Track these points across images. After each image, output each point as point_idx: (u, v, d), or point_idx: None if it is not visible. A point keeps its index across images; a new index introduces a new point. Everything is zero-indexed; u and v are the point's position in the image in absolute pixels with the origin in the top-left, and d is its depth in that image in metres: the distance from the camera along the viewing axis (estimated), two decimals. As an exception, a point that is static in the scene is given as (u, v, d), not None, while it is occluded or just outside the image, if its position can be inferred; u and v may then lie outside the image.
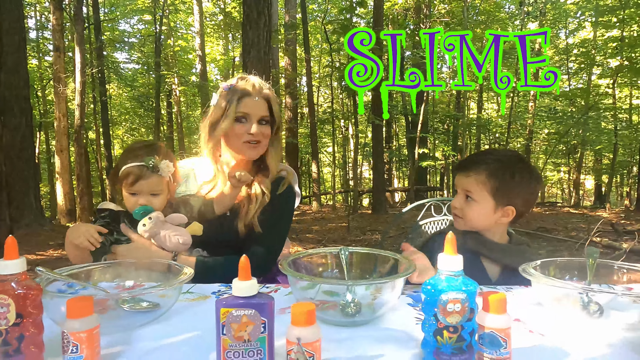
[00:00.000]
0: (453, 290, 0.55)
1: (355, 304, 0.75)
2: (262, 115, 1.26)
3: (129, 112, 17.58)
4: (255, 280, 0.56)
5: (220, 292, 0.92)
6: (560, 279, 0.85)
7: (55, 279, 0.74)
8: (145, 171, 1.14)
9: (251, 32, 5.45)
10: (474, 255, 1.13)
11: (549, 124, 15.22)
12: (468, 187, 1.11)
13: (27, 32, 13.63)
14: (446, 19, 13.35)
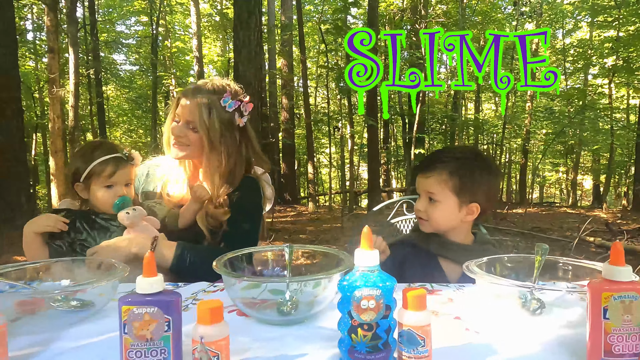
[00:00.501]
0: (367, 287, 0.54)
1: (292, 302, 0.74)
2: (187, 118, 1.24)
3: (127, 114, 17.59)
4: (161, 277, 0.54)
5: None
6: (507, 276, 0.83)
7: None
8: (121, 161, 1.18)
9: (242, 32, 5.44)
10: (435, 257, 1.12)
11: (547, 124, 15.22)
12: (430, 188, 1.09)
13: (25, 34, 13.67)
14: (442, 19, 13.35)
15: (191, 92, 1.25)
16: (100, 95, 12.40)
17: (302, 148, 15.78)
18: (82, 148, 1.25)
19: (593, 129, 13.36)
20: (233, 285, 0.75)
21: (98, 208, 1.19)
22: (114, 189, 1.17)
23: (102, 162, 1.15)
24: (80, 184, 1.17)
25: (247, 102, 1.28)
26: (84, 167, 1.16)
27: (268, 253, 0.85)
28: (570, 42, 14.99)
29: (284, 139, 12.31)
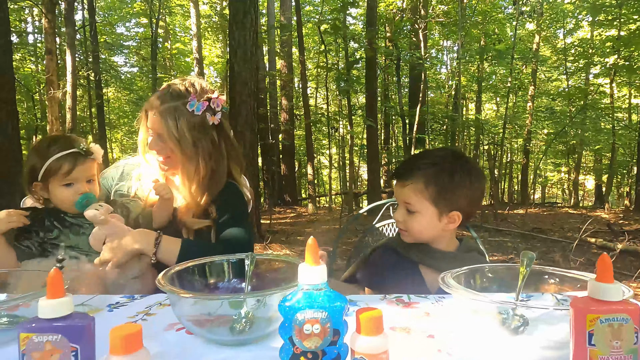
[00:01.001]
0: (311, 308, 0.46)
1: (247, 319, 0.66)
2: (157, 131, 1.17)
3: (128, 116, 17.58)
4: (69, 298, 0.47)
5: (116, 305, 0.83)
6: (488, 288, 0.76)
7: None
8: (79, 157, 1.09)
9: (237, 32, 5.38)
10: (416, 265, 1.05)
11: (548, 124, 15.12)
12: (406, 198, 1.01)
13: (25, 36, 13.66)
14: (442, 19, 13.27)
15: (154, 102, 1.16)
16: (100, 97, 12.36)
17: (302, 149, 15.71)
18: (37, 144, 1.15)
19: (595, 128, 13.24)
20: (178, 301, 0.67)
21: (60, 207, 1.12)
22: (75, 186, 1.09)
23: (59, 158, 1.07)
24: (38, 183, 1.10)
25: (217, 98, 1.18)
26: (40, 164, 1.08)
27: (224, 264, 0.78)
28: (571, 42, 14.88)
29: (283, 140, 12.24)
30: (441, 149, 1.08)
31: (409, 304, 0.82)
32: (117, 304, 0.84)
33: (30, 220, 1.08)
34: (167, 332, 0.70)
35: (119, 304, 0.84)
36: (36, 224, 1.08)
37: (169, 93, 1.16)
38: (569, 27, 15.13)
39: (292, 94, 12.79)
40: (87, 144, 1.12)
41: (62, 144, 1.09)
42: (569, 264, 4.68)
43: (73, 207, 1.08)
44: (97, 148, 1.14)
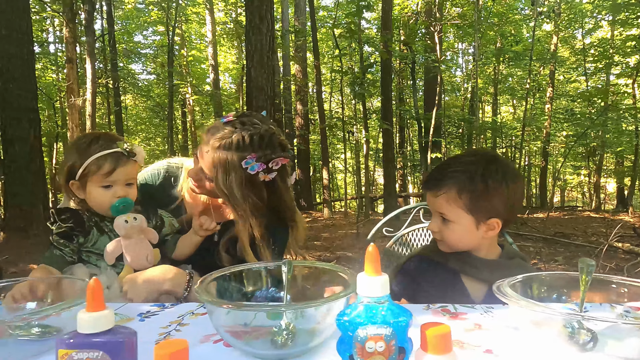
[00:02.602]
0: (374, 324, 0.42)
1: (289, 330, 0.62)
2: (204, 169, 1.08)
3: (145, 122, 17.86)
4: (110, 311, 0.43)
5: (148, 314, 0.79)
6: (546, 298, 0.70)
7: None
8: (121, 157, 1.03)
9: (254, 37, 5.39)
10: (456, 274, 0.99)
11: (567, 126, 14.80)
12: (440, 208, 0.96)
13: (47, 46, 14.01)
14: (457, 21, 13.14)
15: (213, 141, 1.04)
16: (118, 104, 12.58)
17: (317, 154, 15.69)
18: (77, 141, 1.08)
19: (616, 130, 12.90)
20: (215, 311, 0.63)
21: (96, 209, 1.05)
22: (113, 189, 1.03)
23: (100, 158, 1.01)
24: (75, 182, 1.04)
25: (279, 159, 1.06)
26: (79, 163, 1.02)
27: (262, 270, 0.74)
28: (590, 42, 14.57)
29: (298, 144, 12.24)
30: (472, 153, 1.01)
31: (456, 314, 0.77)
32: (148, 313, 0.80)
33: (73, 223, 1.02)
34: (203, 344, 0.66)
35: (150, 313, 0.80)
36: (76, 228, 1.03)
37: (230, 139, 1.03)
38: (587, 27, 14.83)
39: (306, 99, 12.80)
40: (130, 144, 1.06)
41: (104, 143, 1.03)
42: (598, 270, 4.53)
43: (109, 211, 1.03)
44: (139, 149, 1.07)
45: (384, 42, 8.71)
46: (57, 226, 1.03)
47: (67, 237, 1.02)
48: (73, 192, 1.06)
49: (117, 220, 1.01)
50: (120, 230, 1.01)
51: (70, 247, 1.02)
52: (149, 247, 1.05)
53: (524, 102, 18.00)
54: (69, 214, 1.04)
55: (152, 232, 1.07)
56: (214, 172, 1.04)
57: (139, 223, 1.04)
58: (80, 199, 1.06)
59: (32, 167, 5.97)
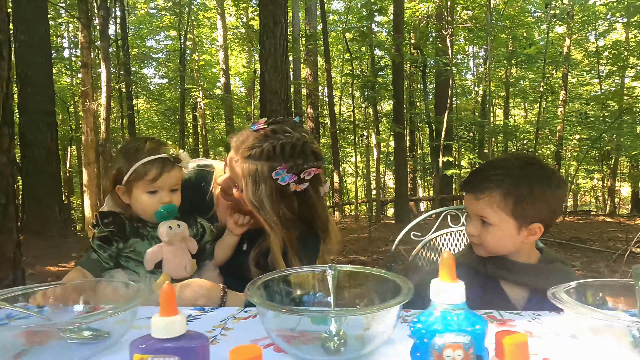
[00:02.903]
0: (452, 332, 0.41)
1: (339, 336, 0.61)
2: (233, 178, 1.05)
3: (156, 126, 18.03)
4: (183, 316, 0.43)
5: (190, 318, 0.79)
6: (601, 305, 0.68)
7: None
8: (167, 163, 1.03)
9: (267, 41, 5.42)
10: (495, 280, 0.97)
11: (580, 129, 14.63)
12: (481, 212, 0.94)
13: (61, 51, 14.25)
14: (469, 24, 13.08)
15: (243, 150, 1.01)
16: (131, 108, 12.72)
17: (327, 157, 15.70)
18: (126, 146, 1.09)
19: (632, 134, 12.70)
20: (265, 315, 0.63)
21: (140, 215, 1.06)
22: (158, 195, 1.03)
23: (146, 163, 1.01)
24: (121, 187, 1.04)
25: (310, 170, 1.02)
26: (127, 168, 1.02)
27: (309, 275, 0.73)
28: (604, 45, 14.40)
29: (309, 148, 12.25)
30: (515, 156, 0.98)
31: (504, 321, 0.76)
32: (190, 317, 0.80)
33: (115, 227, 1.03)
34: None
35: (192, 317, 0.80)
36: (117, 232, 1.03)
37: (260, 149, 0.99)
38: (601, 30, 14.66)
39: (317, 103, 12.83)
40: (176, 150, 1.07)
41: (151, 148, 1.04)
42: (615, 276, 4.45)
43: (153, 217, 1.03)
44: (185, 155, 1.08)
45: (396, 45, 8.70)
46: (99, 230, 1.03)
47: (107, 241, 1.02)
48: (119, 197, 1.06)
49: (160, 226, 1.01)
50: (163, 236, 1.00)
51: (109, 252, 1.02)
52: (188, 256, 1.04)
53: (535, 106, 17.86)
54: (111, 218, 1.04)
55: (193, 242, 1.07)
56: (244, 182, 1.01)
57: (182, 231, 1.03)
58: (125, 204, 1.07)
59: (48, 170, 6.06)
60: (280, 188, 1.01)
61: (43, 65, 5.97)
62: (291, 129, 1.01)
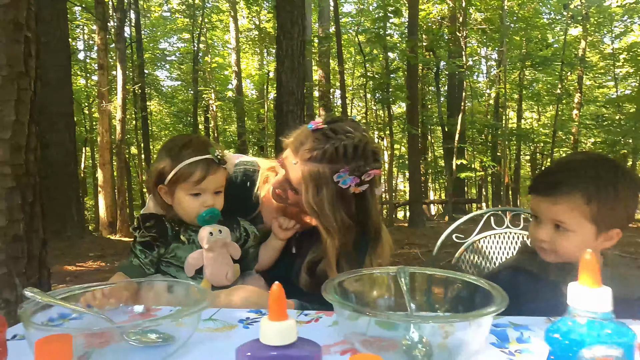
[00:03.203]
0: (602, 344, 0.36)
1: (424, 344, 0.57)
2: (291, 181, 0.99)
3: (169, 128, 18.17)
4: (293, 322, 0.38)
5: (249, 321, 0.75)
6: None
7: (46, 304, 0.60)
8: (212, 164, 0.97)
9: (285, 42, 5.41)
10: (558, 287, 0.92)
11: (597, 132, 14.39)
12: (558, 216, 0.87)
13: (76, 53, 14.46)
14: (483, 26, 12.97)
15: (300, 151, 0.96)
16: (144, 110, 12.83)
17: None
18: (169, 144, 1.02)
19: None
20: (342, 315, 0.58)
21: (182, 217, 1.00)
22: (202, 197, 0.97)
23: (191, 164, 0.95)
24: (164, 187, 0.99)
25: (371, 172, 0.97)
26: (170, 167, 0.96)
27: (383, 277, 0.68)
28: (620, 47, 14.17)
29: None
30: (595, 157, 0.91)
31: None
32: (249, 319, 0.76)
33: (156, 232, 0.98)
34: (325, 356, 0.61)
35: (250, 319, 0.76)
36: (159, 237, 0.97)
37: (321, 151, 0.94)
38: (617, 32, 14.42)
39: (330, 105, 12.81)
40: (221, 150, 1.00)
41: (196, 148, 0.97)
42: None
43: (195, 220, 0.97)
44: (230, 156, 1.03)
45: (410, 47, 8.64)
46: (140, 234, 0.98)
47: (149, 246, 0.97)
48: (160, 197, 1.01)
49: (201, 231, 0.96)
50: (204, 242, 0.96)
51: (150, 257, 0.97)
52: (230, 263, 0.99)
53: (548, 108, 17.62)
54: (153, 221, 0.99)
55: (235, 248, 1.01)
56: (303, 186, 0.95)
57: (224, 237, 0.97)
58: (167, 204, 1.01)
59: (66, 170, 6.11)
60: (341, 191, 0.95)
61: (62, 67, 6.02)
62: (352, 129, 0.96)
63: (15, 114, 2.05)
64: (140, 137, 13.88)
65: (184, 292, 0.74)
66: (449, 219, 11.93)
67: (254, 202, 1.14)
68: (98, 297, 0.69)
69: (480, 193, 16.61)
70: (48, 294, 0.60)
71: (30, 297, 0.58)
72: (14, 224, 2.02)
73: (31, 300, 0.58)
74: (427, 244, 6.92)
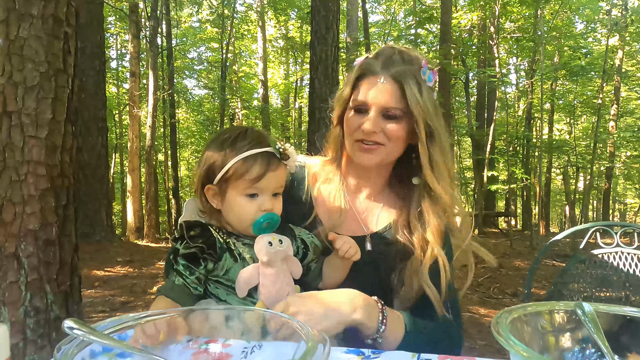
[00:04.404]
0: None
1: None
2: (384, 104, 0.85)
3: (195, 135, 18.41)
4: None
5: None
6: None
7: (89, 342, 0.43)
8: (273, 159, 0.80)
9: (319, 47, 5.30)
10: None
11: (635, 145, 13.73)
12: None
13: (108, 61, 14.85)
14: (517, 34, 12.62)
15: (381, 66, 0.86)
16: (173, 117, 12.98)
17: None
18: (220, 136, 0.85)
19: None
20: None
21: (233, 224, 0.83)
22: (259, 199, 0.80)
23: (248, 158, 0.79)
24: (212, 187, 0.82)
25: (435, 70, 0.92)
26: (222, 162, 0.79)
27: (556, 315, 0.49)
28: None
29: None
30: None
31: None
32: None
33: (204, 242, 0.79)
34: None
35: None
36: (207, 249, 0.78)
37: (397, 55, 0.87)
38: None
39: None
40: (283, 144, 0.83)
41: (254, 140, 0.81)
42: None
43: (250, 228, 0.81)
44: (292, 151, 0.84)
45: (444, 54, 8.43)
46: (184, 245, 0.78)
47: (194, 260, 0.77)
48: (206, 200, 0.84)
49: (258, 241, 0.79)
50: (262, 255, 0.77)
51: (197, 274, 0.77)
52: (291, 282, 0.81)
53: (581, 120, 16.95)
54: (199, 230, 0.80)
55: (297, 264, 0.83)
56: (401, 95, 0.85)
57: (285, 249, 0.80)
58: (213, 210, 0.84)
59: (98, 174, 6.13)
60: (434, 98, 0.88)
61: (97, 72, 6.09)
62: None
63: (52, 112, 1.96)
64: (167, 144, 14.05)
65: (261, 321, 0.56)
66: (479, 232, 11.48)
67: (306, 205, 0.95)
68: (150, 333, 0.52)
69: (508, 206, 16.02)
70: (93, 328, 0.43)
71: (71, 333, 0.41)
72: (46, 228, 1.92)
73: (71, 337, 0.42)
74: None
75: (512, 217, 14.53)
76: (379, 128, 0.86)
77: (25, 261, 1.87)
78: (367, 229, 0.93)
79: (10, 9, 1.91)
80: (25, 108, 1.89)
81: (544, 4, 9.65)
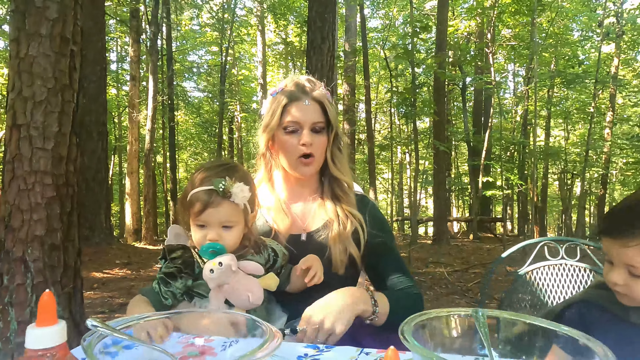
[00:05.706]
0: None
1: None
2: (314, 120, 1.07)
3: (194, 138, 18.53)
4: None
5: (308, 357, 0.71)
6: None
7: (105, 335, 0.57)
8: (214, 197, 0.91)
9: (314, 57, 5.43)
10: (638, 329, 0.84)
11: (630, 152, 13.90)
12: (631, 261, 0.80)
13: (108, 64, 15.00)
14: (513, 42, 12.80)
15: (302, 92, 1.08)
16: (172, 120, 13.12)
17: (360, 174, 15.58)
18: (198, 168, 1.00)
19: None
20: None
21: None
22: (205, 230, 0.92)
23: (196, 193, 0.92)
24: (185, 213, 0.97)
25: None
26: (185, 195, 0.95)
27: (455, 319, 0.62)
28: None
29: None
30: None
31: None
32: (307, 356, 0.72)
33: (182, 264, 0.92)
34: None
35: (309, 356, 0.72)
36: (185, 269, 0.92)
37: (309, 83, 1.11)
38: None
39: (354, 119, 12.81)
40: (230, 182, 0.91)
41: (208, 176, 0.93)
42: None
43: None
44: (238, 189, 0.92)
45: (439, 62, 8.58)
46: (166, 265, 0.93)
47: (172, 277, 0.92)
48: (182, 224, 1.00)
49: (204, 270, 0.89)
50: (210, 283, 0.89)
51: (172, 289, 0.91)
52: (249, 285, 0.91)
53: (577, 127, 17.13)
54: (180, 253, 0.94)
55: (249, 264, 0.93)
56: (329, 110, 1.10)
57: (225, 268, 0.88)
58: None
59: (98, 177, 6.25)
60: None
61: (99, 78, 6.22)
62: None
63: (58, 125, 2.10)
64: (166, 146, 14.17)
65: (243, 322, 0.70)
66: (474, 237, 11.63)
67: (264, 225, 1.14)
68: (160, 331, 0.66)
69: (505, 212, 16.19)
70: (111, 326, 0.57)
71: (93, 329, 0.55)
72: (52, 233, 2.05)
73: (92, 332, 0.56)
74: (452, 263, 6.74)
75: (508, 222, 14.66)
76: (312, 141, 1.06)
77: (32, 265, 1.99)
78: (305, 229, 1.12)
79: (21, 29, 2.04)
80: (33, 121, 2.02)
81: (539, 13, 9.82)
